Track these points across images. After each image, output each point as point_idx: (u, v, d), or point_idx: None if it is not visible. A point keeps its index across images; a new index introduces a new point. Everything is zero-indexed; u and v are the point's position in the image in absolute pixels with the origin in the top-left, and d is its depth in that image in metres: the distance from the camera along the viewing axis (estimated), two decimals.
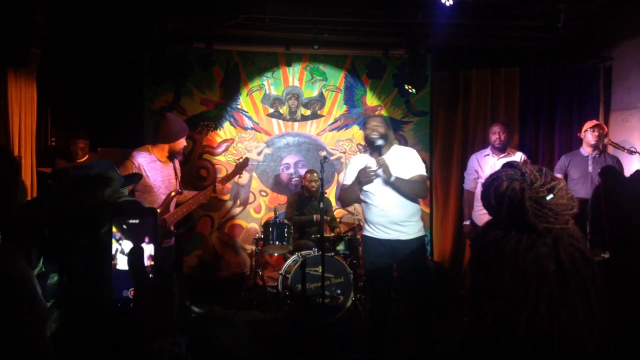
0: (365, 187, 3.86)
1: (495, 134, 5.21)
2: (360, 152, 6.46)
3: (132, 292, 1.22)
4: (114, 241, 1.24)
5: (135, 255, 1.21)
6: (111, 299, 1.24)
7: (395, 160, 3.82)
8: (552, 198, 1.36)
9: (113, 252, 1.24)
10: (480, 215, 5.22)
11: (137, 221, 1.25)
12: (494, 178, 1.46)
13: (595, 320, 1.31)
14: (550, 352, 1.29)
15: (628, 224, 1.61)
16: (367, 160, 3.92)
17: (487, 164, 5.25)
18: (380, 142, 3.79)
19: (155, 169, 4.03)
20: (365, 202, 3.93)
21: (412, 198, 3.86)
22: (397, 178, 3.75)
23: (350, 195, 3.97)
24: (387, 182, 3.77)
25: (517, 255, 1.34)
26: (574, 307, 1.30)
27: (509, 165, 1.48)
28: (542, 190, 1.37)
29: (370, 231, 3.92)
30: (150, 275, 1.22)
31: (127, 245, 1.24)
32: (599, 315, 1.32)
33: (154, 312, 1.20)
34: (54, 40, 5.51)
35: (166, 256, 3.94)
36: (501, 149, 5.21)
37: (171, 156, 4.15)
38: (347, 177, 4.03)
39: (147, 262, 1.22)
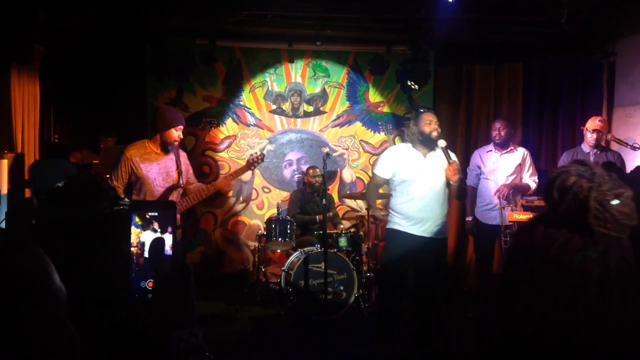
0: (406, 182, 3.84)
1: (495, 130, 5.21)
2: (366, 150, 6.45)
3: (149, 284, 1.25)
4: (139, 231, 1.27)
5: (156, 246, 1.23)
6: (128, 290, 1.26)
7: (441, 160, 3.82)
8: (617, 204, 1.35)
9: (143, 242, 1.26)
10: (483, 211, 5.21)
11: (156, 213, 1.27)
12: (562, 171, 1.44)
13: (628, 333, 1.30)
14: (572, 354, 1.29)
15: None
16: (409, 152, 3.89)
17: (489, 159, 5.24)
18: (444, 143, 3.77)
19: (149, 161, 4.02)
20: (405, 195, 3.88)
21: (449, 199, 3.92)
22: (461, 179, 3.79)
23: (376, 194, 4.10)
24: (450, 183, 3.78)
25: (565, 253, 1.32)
26: (609, 316, 1.29)
27: (580, 162, 1.46)
28: (609, 194, 1.35)
29: (401, 224, 3.88)
30: (170, 266, 1.24)
31: (148, 236, 1.27)
32: (632, 330, 1.31)
33: (172, 303, 1.22)
34: (56, 37, 5.51)
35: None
36: (502, 145, 5.20)
37: (164, 147, 4.07)
38: (383, 169, 3.98)
39: (167, 253, 1.25)
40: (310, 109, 6.46)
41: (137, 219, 1.27)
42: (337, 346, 4.48)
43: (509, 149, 5.22)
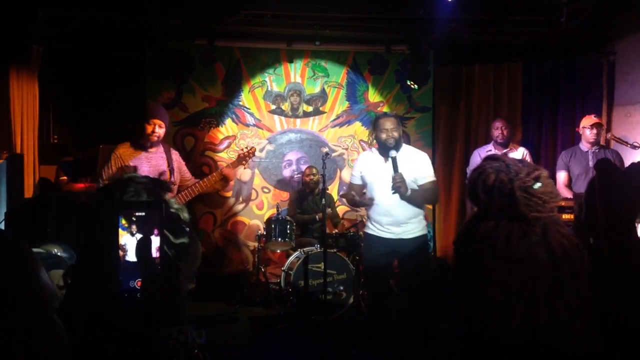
0: (370, 187, 3.89)
1: (498, 130, 5.19)
2: (365, 149, 6.45)
3: (138, 283, 1.25)
4: (125, 232, 1.27)
5: (142, 246, 1.24)
6: (119, 289, 1.26)
7: (405, 163, 3.76)
8: (539, 186, 1.38)
9: (123, 244, 1.27)
10: None
11: (143, 213, 1.28)
12: (480, 171, 1.47)
13: (584, 304, 1.33)
14: (542, 338, 1.31)
15: (621, 217, 1.62)
16: (373, 157, 3.91)
17: None
18: (394, 153, 3.72)
19: (138, 159, 4.04)
20: (371, 199, 3.92)
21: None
22: (412, 191, 3.72)
23: (354, 203, 4.12)
24: (403, 196, 3.73)
25: (510, 246, 1.35)
26: (565, 292, 1.32)
27: (491, 158, 1.50)
28: (529, 179, 1.39)
29: (372, 229, 3.94)
30: (158, 266, 1.25)
31: (128, 239, 1.27)
32: (587, 299, 1.35)
33: (161, 302, 1.22)
34: (55, 37, 5.51)
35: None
36: (504, 145, 5.19)
37: (135, 142, 4.12)
38: (354, 175, 4.06)
39: (154, 254, 1.26)
40: (310, 109, 6.45)
41: (123, 221, 1.28)
42: (337, 346, 4.48)
43: (509, 148, 5.22)
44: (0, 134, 5.05)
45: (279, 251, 5.78)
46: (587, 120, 5.09)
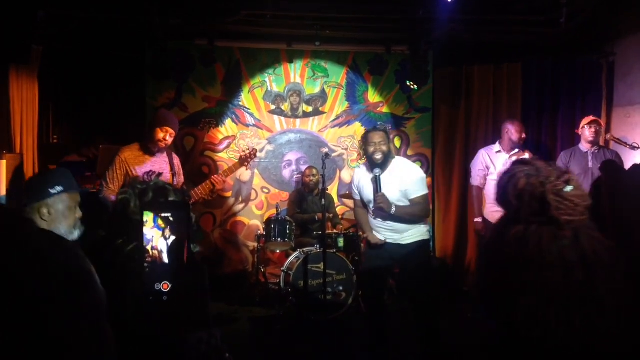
0: (367, 201, 3.91)
1: (519, 132, 5.09)
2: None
3: (164, 286, 1.24)
4: (159, 233, 1.25)
5: (177, 250, 1.23)
6: (144, 292, 1.25)
7: (395, 178, 3.75)
8: (571, 189, 1.38)
9: (159, 247, 1.25)
10: (493, 212, 5.15)
11: (169, 214, 1.26)
12: (510, 175, 1.47)
13: (620, 305, 1.33)
14: (580, 339, 1.31)
15: (630, 216, 1.63)
16: (363, 173, 3.92)
17: (498, 160, 5.14)
18: (378, 172, 3.69)
19: (143, 162, 4.06)
20: (370, 211, 3.96)
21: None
22: (397, 208, 3.70)
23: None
24: (388, 214, 3.72)
25: (542, 250, 1.35)
26: (601, 294, 1.32)
27: (520, 162, 1.49)
28: (560, 183, 1.39)
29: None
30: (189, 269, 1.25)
31: (162, 242, 1.26)
32: (624, 300, 1.34)
33: (191, 305, 1.22)
34: (55, 37, 5.51)
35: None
36: (518, 147, 5.14)
37: (145, 148, 4.13)
38: (353, 191, 4.11)
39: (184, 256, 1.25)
40: (310, 109, 6.45)
41: (159, 222, 1.26)
42: (337, 346, 4.48)
43: (517, 150, 5.17)
44: (0, 134, 5.05)
45: (278, 251, 5.78)
46: (585, 120, 5.11)
